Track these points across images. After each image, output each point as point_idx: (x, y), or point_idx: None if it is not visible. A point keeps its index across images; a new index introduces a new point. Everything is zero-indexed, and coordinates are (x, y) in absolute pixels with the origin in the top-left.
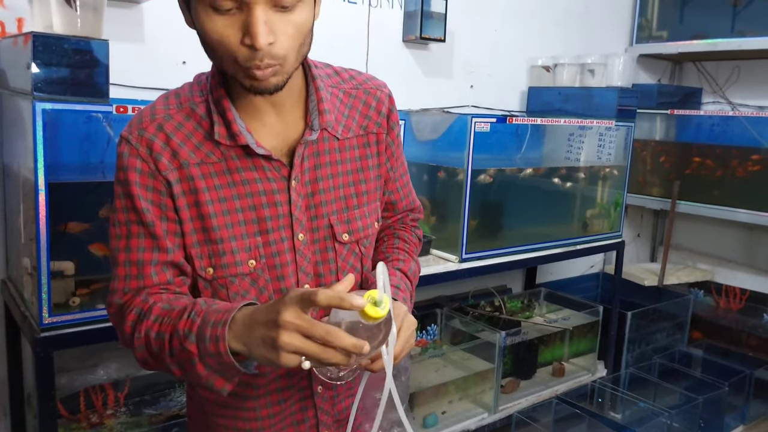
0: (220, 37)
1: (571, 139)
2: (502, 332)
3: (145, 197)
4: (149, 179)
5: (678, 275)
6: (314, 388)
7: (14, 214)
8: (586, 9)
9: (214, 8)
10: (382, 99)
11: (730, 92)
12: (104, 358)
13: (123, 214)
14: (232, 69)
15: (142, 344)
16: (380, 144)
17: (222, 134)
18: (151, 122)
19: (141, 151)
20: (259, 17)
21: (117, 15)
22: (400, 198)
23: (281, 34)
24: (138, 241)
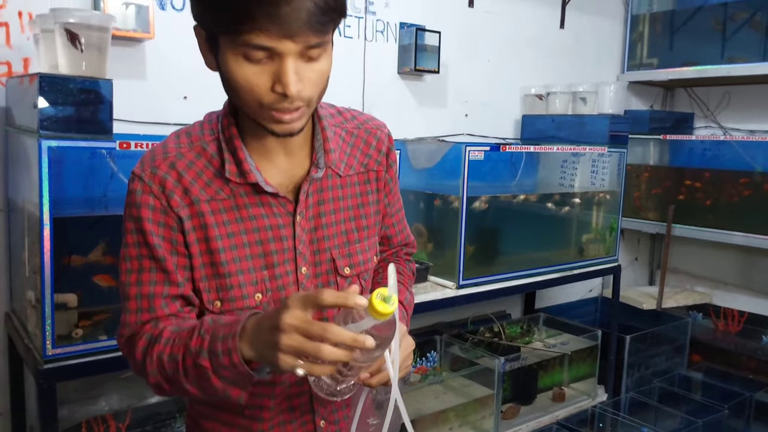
0: (250, 84)
1: (565, 165)
2: (501, 358)
3: (157, 233)
4: (161, 215)
5: (676, 298)
6: (317, 423)
7: (19, 247)
8: (577, 39)
9: (245, 57)
10: (382, 138)
11: (722, 117)
12: (106, 389)
13: (134, 249)
14: (256, 113)
15: (155, 369)
16: (380, 181)
17: (233, 172)
18: (164, 160)
19: (154, 188)
20: (290, 67)
21: (120, 53)
22: (396, 233)
23: (307, 81)
24: (149, 275)
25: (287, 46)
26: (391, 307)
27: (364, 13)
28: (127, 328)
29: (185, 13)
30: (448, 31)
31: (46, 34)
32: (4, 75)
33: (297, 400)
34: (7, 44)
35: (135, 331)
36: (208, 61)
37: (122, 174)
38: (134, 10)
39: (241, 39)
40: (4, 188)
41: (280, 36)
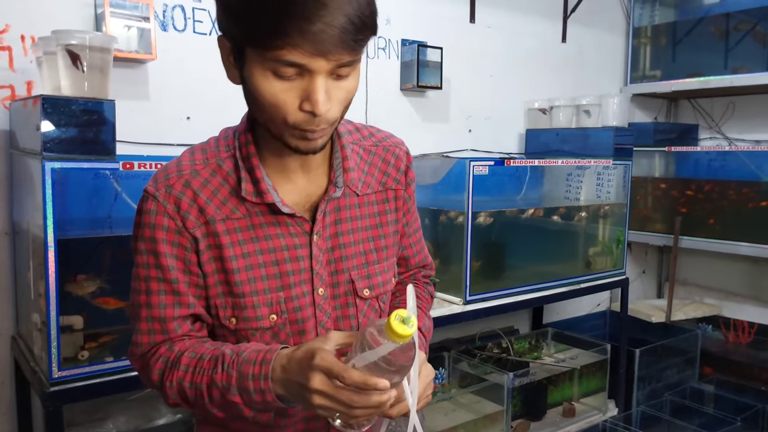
0: (277, 101)
1: (570, 178)
2: (510, 373)
3: (171, 253)
4: (176, 236)
5: (685, 311)
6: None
7: (24, 270)
8: (580, 52)
9: (275, 74)
10: (401, 156)
11: (726, 127)
12: (113, 411)
13: (144, 270)
14: (281, 130)
15: (175, 393)
16: (398, 200)
17: (249, 191)
18: (179, 178)
19: (169, 208)
20: (321, 86)
21: (123, 75)
22: (413, 254)
23: (335, 100)
24: (159, 298)
25: (319, 64)
26: (410, 330)
27: None
28: (140, 347)
29: (187, 34)
30: (450, 46)
31: (49, 56)
32: (8, 98)
33: (313, 424)
34: (10, 68)
35: (148, 351)
36: (231, 75)
37: (126, 194)
38: (136, 32)
39: (272, 54)
40: (9, 211)
41: (313, 53)
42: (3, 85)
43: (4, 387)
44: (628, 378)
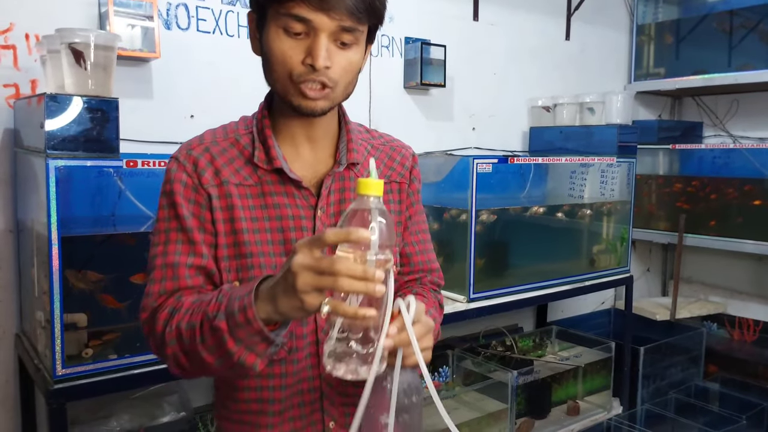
0: (284, 56)
1: (574, 176)
2: (514, 371)
3: (187, 207)
4: (192, 192)
5: (690, 309)
6: (326, 423)
7: (28, 268)
8: (583, 50)
9: (285, 30)
10: (407, 156)
11: (731, 125)
12: (116, 409)
13: (164, 223)
14: (286, 87)
15: (174, 338)
16: (402, 193)
17: (261, 158)
18: (199, 145)
19: (187, 167)
20: (322, 43)
21: (127, 73)
22: (416, 252)
23: (336, 63)
24: (175, 246)
25: (322, 20)
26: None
27: None
28: (151, 298)
29: (191, 33)
30: (454, 44)
31: (53, 54)
32: (12, 97)
33: (308, 396)
34: (14, 66)
35: (158, 303)
36: (254, 46)
37: (129, 192)
38: (140, 30)
39: (284, 9)
40: (14, 209)
41: (317, 9)
42: (7, 83)
43: (8, 385)
44: (633, 376)
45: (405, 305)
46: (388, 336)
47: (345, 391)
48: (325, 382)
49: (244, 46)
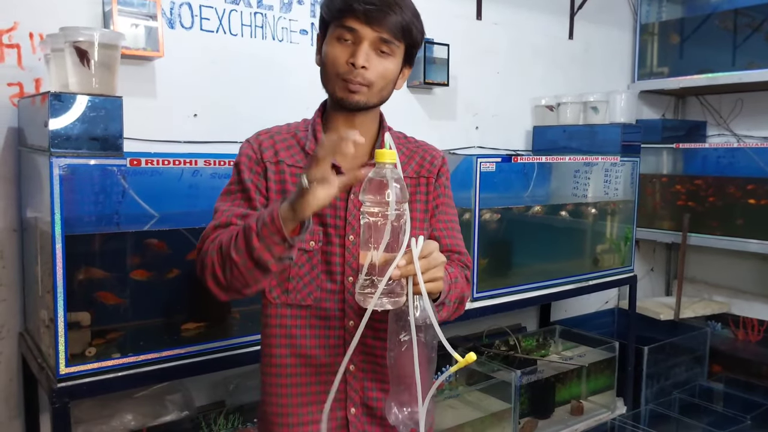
0: (334, 57)
1: (577, 175)
2: (518, 371)
3: (248, 175)
4: (254, 165)
5: (694, 308)
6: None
7: (32, 267)
8: (587, 49)
9: (338, 39)
10: (436, 156)
11: (734, 124)
12: (119, 409)
13: (231, 186)
14: (333, 84)
15: (215, 249)
16: (429, 186)
17: (311, 147)
18: (266, 132)
19: (254, 146)
20: (364, 48)
21: (130, 72)
22: (443, 236)
23: (373, 67)
24: (236, 199)
25: (366, 30)
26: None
27: None
28: (208, 229)
29: (194, 32)
30: (457, 43)
31: (57, 53)
32: (17, 96)
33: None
34: (18, 65)
35: (209, 232)
36: (317, 59)
37: (133, 191)
38: (144, 29)
39: (340, 23)
40: (18, 208)
41: (364, 22)
42: (11, 82)
43: (12, 384)
44: (637, 376)
45: (414, 242)
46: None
47: (364, 341)
48: (347, 332)
49: (248, 46)
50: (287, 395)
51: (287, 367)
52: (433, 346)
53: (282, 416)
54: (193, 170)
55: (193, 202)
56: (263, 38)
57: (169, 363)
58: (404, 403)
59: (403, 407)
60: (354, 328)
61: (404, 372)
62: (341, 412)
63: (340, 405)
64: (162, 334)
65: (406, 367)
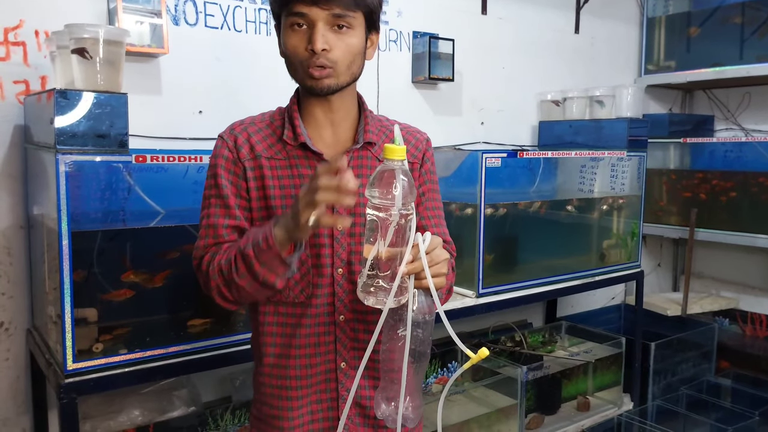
0: (293, 47)
1: (584, 170)
2: (524, 367)
3: (226, 177)
4: (231, 165)
5: (701, 304)
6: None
7: (39, 264)
8: (593, 43)
9: (291, 27)
10: (420, 140)
11: (742, 118)
12: (127, 404)
13: (208, 191)
14: (299, 74)
15: (216, 273)
16: (414, 172)
17: (289, 136)
18: (240, 125)
19: (229, 143)
20: (318, 31)
21: (135, 69)
22: (430, 225)
23: (335, 47)
24: (215, 210)
25: (316, 12)
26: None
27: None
28: (198, 250)
29: (199, 28)
30: (462, 38)
31: (62, 50)
32: (23, 93)
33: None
34: (24, 63)
35: (203, 253)
36: (280, 50)
37: (139, 187)
38: (149, 26)
39: (287, 10)
40: (25, 205)
41: (311, 4)
42: (17, 80)
43: (20, 380)
44: (644, 372)
45: (421, 238)
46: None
47: (356, 336)
48: (338, 328)
49: (252, 42)
50: (283, 397)
51: (282, 368)
52: (428, 343)
53: (278, 419)
54: (198, 167)
55: (198, 198)
56: (268, 34)
57: (175, 359)
58: (392, 399)
59: (391, 402)
60: (344, 323)
61: (395, 366)
62: (333, 412)
63: (332, 405)
64: (168, 330)
65: (398, 361)
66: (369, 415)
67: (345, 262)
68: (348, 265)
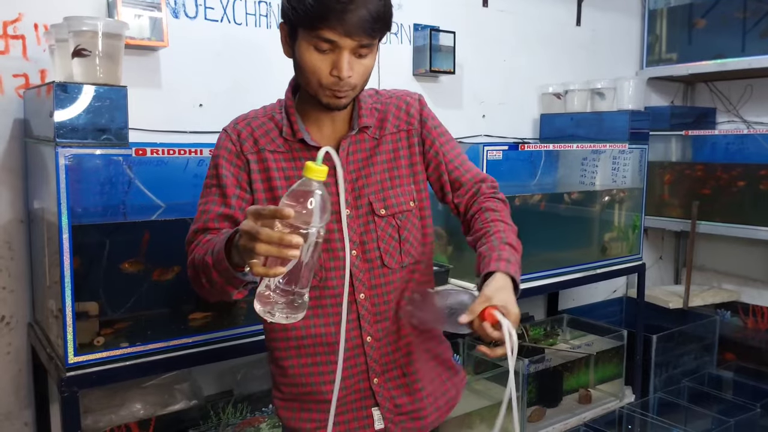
0: (315, 67)
1: (585, 163)
2: (525, 360)
3: (227, 168)
4: (234, 157)
5: (703, 296)
6: (364, 338)
7: (40, 258)
8: (594, 36)
9: (315, 47)
10: (411, 102)
11: (744, 110)
12: (129, 398)
13: (209, 180)
14: (316, 89)
15: (191, 265)
16: (411, 138)
17: (288, 133)
18: (243, 120)
19: (232, 137)
20: (345, 59)
21: (135, 62)
22: (462, 173)
23: (356, 72)
24: (213, 198)
25: (346, 42)
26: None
27: None
28: (189, 233)
29: (199, 21)
30: (463, 31)
31: (61, 44)
32: (22, 87)
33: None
34: (23, 56)
35: (192, 238)
36: (286, 50)
37: (139, 181)
38: (148, 19)
39: (316, 33)
40: (25, 199)
41: (343, 34)
42: (17, 73)
43: (22, 374)
44: (645, 364)
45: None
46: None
47: (377, 310)
48: (360, 305)
49: (252, 35)
50: (314, 374)
51: (309, 347)
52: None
53: (314, 393)
54: (198, 160)
55: (198, 191)
56: (268, 27)
57: (176, 352)
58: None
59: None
60: (365, 301)
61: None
62: (364, 383)
63: (363, 377)
64: (169, 324)
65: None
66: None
67: (357, 243)
68: (362, 245)
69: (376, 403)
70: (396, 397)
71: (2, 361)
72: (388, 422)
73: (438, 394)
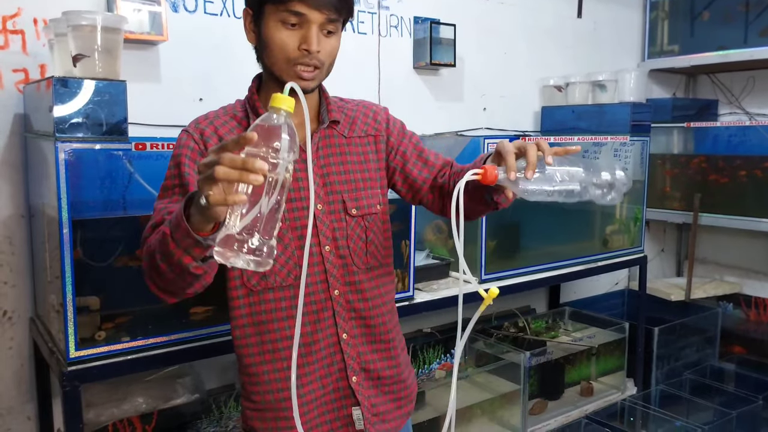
0: (283, 43)
1: (586, 155)
2: (527, 352)
3: (191, 167)
4: (198, 156)
5: (705, 289)
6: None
7: (41, 252)
8: (596, 28)
9: (283, 22)
10: (378, 111)
11: (746, 102)
12: (131, 392)
13: (170, 181)
14: (283, 69)
15: (146, 254)
16: (378, 143)
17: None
18: (205, 119)
19: (195, 136)
20: (314, 32)
21: (135, 57)
22: (432, 160)
23: (323, 48)
24: (174, 196)
25: (314, 14)
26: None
27: (377, 9)
28: (146, 230)
29: (198, 15)
30: (463, 23)
31: (60, 38)
32: (22, 82)
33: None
34: (23, 51)
35: (149, 234)
36: (249, 37)
37: (139, 175)
38: (147, 13)
39: (285, 6)
40: (25, 194)
41: (312, 7)
42: (16, 68)
43: (24, 368)
44: (647, 357)
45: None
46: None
47: (352, 307)
48: (335, 302)
49: None
50: (289, 378)
51: (279, 352)
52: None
53: (288, 400)
54: None
55: None
56: None
57: (178, 346)
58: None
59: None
60: (339, 297)
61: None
62: (343, 382)
63: (341, 375)
64: (171, 318)
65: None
66: (373, 377)
67: (330, 239)
68: (334, 241)
69: (357, 402)
70: (372, 396)
71: (4, 356)
72: (367, 423)
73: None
